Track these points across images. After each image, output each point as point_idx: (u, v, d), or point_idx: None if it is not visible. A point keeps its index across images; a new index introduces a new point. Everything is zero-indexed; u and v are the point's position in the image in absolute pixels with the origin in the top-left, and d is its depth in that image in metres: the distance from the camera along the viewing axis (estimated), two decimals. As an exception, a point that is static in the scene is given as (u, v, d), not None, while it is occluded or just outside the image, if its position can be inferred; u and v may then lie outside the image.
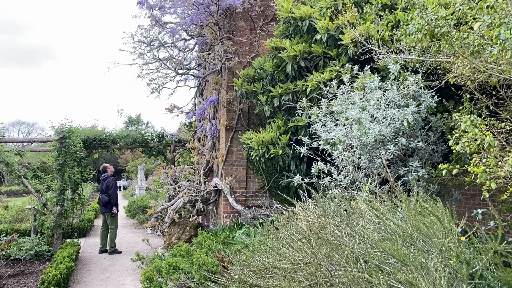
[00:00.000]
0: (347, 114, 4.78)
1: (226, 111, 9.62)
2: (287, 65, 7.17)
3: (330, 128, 5.18)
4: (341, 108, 4.89)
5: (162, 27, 10.43)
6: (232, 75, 9.66)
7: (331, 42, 6.86)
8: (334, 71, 6.54)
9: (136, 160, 38.65)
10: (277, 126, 7.70)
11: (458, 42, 3.47)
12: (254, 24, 9.78)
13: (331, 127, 5.22)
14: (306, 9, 7.17)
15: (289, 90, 7.40)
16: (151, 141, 12.52)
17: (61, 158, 9.32)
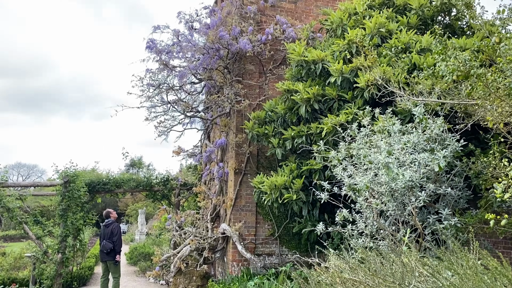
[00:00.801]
0: (371, 158, 4.56)
1: (235, 153, 9.42)
2: (301, 107, 7.04)
3: (353, 172, 4.94)
4: (365, 152, 4.68)
5: (170, 71, 10.44)
6: (241, 117, 9.54)
7: (346, 84, 6.76)
8: (350, 114, 6.38)
9: (136, 203, 38.05)
10: (290, 169, 7.46)
11: (494, 83, 3.31)
12: (263, 67, 9.78)
13: (353, 172, 4.98)
14: (318, 53, 7.13)
15: (302, 133, 7.22)
16: (155, 185, 12.24)
17: (65, 203, 9.01)
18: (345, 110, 6.48)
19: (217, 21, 9.73)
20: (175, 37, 10.61)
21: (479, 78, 3.45)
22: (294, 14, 10.17)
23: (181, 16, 10.82)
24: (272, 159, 9.58)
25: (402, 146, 4.44)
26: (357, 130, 5.32)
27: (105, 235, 9.51)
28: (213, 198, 10.12)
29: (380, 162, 4.18)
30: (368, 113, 5.48)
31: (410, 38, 6.86)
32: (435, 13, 7.82)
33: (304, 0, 10.37)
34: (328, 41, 8.29)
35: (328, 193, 5.23)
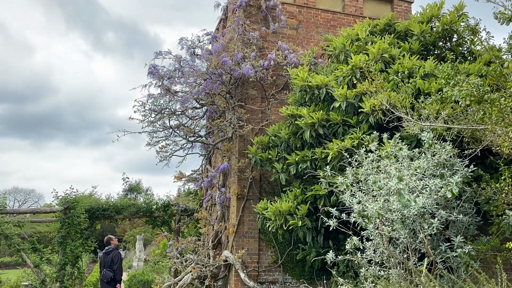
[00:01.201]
0: (380, 184, 4.48)
1: (238, 178, 9.31)
2: (305, 132, 7.00)
3: (361, 199, 4.85)
4: (374, 178, 4.60)
5: (172, 96, 10.45)
6: (244, 142, 9.49)
7: (350, 109, 6.75)
8: (355, 139, 6.34)
9: (134, 229, 37.52)
10: (294, 195, 7.36)
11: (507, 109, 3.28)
12: (266, 92, 9.80)
13: (362, 198, 4.89)
14: (322, 78, 7.15)
15: (306, 158, 7.16)
16: (155, 210, 12.07)
17: (64, 230, 8.84)
18: (350, 135, 6.45)
19: (219, 47, 9.81)
20: (177, 62, 10.67)
21: (493, 103, 3.42)
22: (296, 40, 10.27)
23: (183, 42, 10.92)
24: (275, 185, 9.47)
25: (413, 172, 4.37)
26: (364, 155, 5.26)
27: (105, 263, 9.23)
28: (215, 224, 9.95)
29: (392, 188, 4.10)
30: (375, 138, 5.44)
31: (413, 64, 6.90)
32: (436, 39, 7.91)
33: (305, 27, 10.50)
34: (331, 66, 8.34)
35: (336, 220, 5.12)
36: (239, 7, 10.00)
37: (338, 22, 10.81)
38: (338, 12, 10.86)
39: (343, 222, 6.26)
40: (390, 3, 11.40)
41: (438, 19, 8.21)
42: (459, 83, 3.81)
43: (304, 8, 10.56)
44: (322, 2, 10.85)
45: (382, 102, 5.85)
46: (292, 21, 10.41)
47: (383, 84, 5.51)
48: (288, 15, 10.35)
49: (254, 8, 10.14)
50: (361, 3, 11.09)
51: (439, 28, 7.77)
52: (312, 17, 10.62)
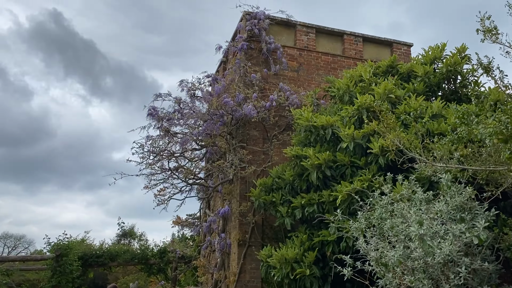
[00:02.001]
0: (398, 229, 4.17)
1: (239, 223, 8.92)
2: (311, 174, 6.73)
3: (378, 245, 4.51)
4: (391, 223, 4.29)
5: (172, 137, 10.25)
6: (245, 185, 9.18)
7: (358, 150, 6.53)
8: (365, 181, 6.07)
9: (127, 276, 36.07)
10: (301, 241, 6.97)
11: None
12: (268, 133, 9.62)
13: (378, 244, 4.55)
14: (327, 118, 6.98)
15: (313, 201, 6.84)
16: (151, 257, 11.52)
17: (55, 280, 8.30)
18: (359, 177, 6.18)
19: (220, 88, 9.74)
20: (177, 104, 10.57)
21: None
22: (297, 82, 10.24)
23: (183, 84, 10.86)
24: (278, 230, 9.06)
25: (433, 215, 4.08)
26: (378, 198, 4.97)
27: None
28: (214, 272, 9.42)
29: (413, 234, 3.79)
30: (389, 179, 5.16)
31: (420, 104, 6.77)
32: (440, 80, 7.85)
33: (305, 69, 10.50)
34: (334, 107, 8.21)
35: (351, 269, 4.74)
36: (240, 50, 10.02)
37: (338, 64, 10.85)
38: (338, 55, 10.92)
39: (354, 270, 5.86)
40: (389, 47, 11.51)
41: (441, 60, 8.20)
42: (484, 121, 3.61)
43: (305, 51, 10.62)
44: (322, 45, 10.94)
45: (393, 142, 5.63)
46: (293, 64, 10.42)
47: (394, 124, 5.31)
48: (289, 58, 10.38)
49: (255, 51, 10.17)
50: (361, 46, 11.19)
51: (443, 69, 7.73)
52: (312, 60, 10.66)
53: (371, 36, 11.37)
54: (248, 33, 10.14)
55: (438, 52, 8.26)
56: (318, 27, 10.83)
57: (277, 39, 10.39)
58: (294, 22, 10.63)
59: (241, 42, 9.99)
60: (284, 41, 10.51)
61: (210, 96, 10.08)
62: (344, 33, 11.07)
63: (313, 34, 10.80)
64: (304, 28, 10.73)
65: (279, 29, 10.67)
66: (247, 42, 10.05)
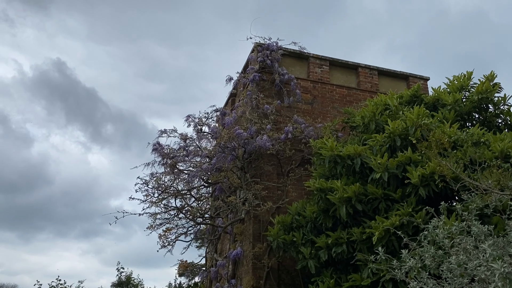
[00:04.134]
0: (470, 266, 3.40)
1: (252, 267, 8.01)
2: (340, 209, 5.97)
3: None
4: (457, 260, 3.52)
5: (178, 174, 9.53)
6: (258, 224, 8.37)
7: (393, 181, 5.83)
8: (403, 215, 5.32)
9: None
10: (327, 287, 6.09)
11: None
12: (282, 168, 8.92)
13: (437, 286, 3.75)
14: (355, 147, 6.33)
15: (341, 240, 6.04)
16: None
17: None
18: (397, 211, 5.43)
19: (231, 120, 9.16)
20: (183, 141, 9.97)
21: None
22: (311, 115, 9.69)
23: (190, 119, 10.33)
24: (295, 275, 8.15)
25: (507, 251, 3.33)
26: (434, 233, 4.21)
27: None
28: (224, 324, 8.39)
29: (497, 273, 3.03)
30: (444, 209, 4.42)
31: (455, 132, 6.16)
32: (471, 108, 7.31)
33: (320, 102, 10.00)
34: (355, 139, 7.59)
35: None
36: (252, 81, 9.54)
37: (353, 97, 10.36)
38: (354, 88, 10.47)
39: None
40: (405, 80, 11.10)
41: (468, 90, 7.72)
42: None
43: (319, 83, 10.16)
44: (336, 78, 10.51)
45: (441, 168, 4.96)
46: (306, 96, 9.93)
47: (445, 145, 4.67)
48: (303, 90, 9.89)
49: (267, 83, 9.70)
50: (376, 79, 10.77)
51: (474, 97, 7.20)
52: (327, 92, 10.18)
53: (387, 69, 10.98)
54: (260, 64, 9.71)
55: (465, 81, 7.78)
56: (332, 59, 10.45)
57: (290, 70, 9.96)
58: (307, 54, 10.25)
59: (253, 73, 9.53)
60: (297, 73, 10.07)
61: (220, 130, 9.50)
62: (359, 66, 10.68)
63: (327, 67, 10.40)
64: (318, 60, 10.34)
65: (292, 61, 10.27)
66: (259, 73, 9.60)
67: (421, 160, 5.75)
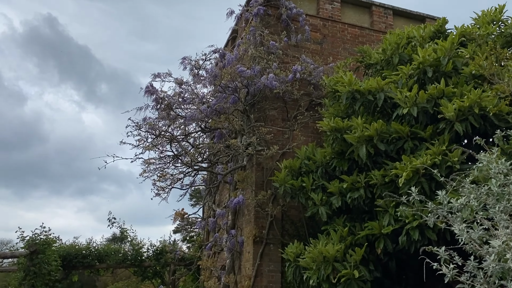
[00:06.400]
0: None
1: (255, 217, 7.42)
2: (359, 149, 5.25)
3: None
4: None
5: (173, 120, 8.73)
6: (261, 171, 7.70)
7: (422, 118, 5.08)
8: (436, 154, 4.62)
9: (116, 283, 34.09)
10: (340, 236, 5.48)
11: None
12: (288, 113, 8.15)
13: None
14: (378, 80, 5.53)
15: (358, 185, 5.37)
16: (146, 259, 9.93)
17: (28, 282, 6.70)
18: (427, 151, 4.73)
19: (233, 58, 8.28)
20: (178, 85, 9.08)
21: None
22: (320, 56, 8.80)
23: (186, 62, 9.39)
24: (300, 225, 7.58)
25: None
26: (476, 170, 3.52)
27: None
28: (223, 276, 7.88)
29: None
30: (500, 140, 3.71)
31: (492, 64, 5.37)
32: (504, 44, 6.47)
33: (330, 42, 9.09)
34: (375, 76, 6.78)
35: (454, 266, 3.25)
36: (255, 16, 8.57)
37: (366, 38, 9.45)
38: (367, 28, 9.53)
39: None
40: (422, 22, 10.12)
41: (500, 24, 6.85)
42: None
43: (329, 21, 9.21)
44: (348, 16, 9.55)
45: (479, 103, 4.21)
46: (315, 35, 9.00)
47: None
48: (312, 28, 8.94)
49: (272, 18, 8.74)
50: (391, 19, 9.82)
51: (509, 30, 6.35)
52: (338, 32, 9.25)
53: (402, 9, 10.01)
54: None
55: (496, 14, 6.88)
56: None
57: (298, 5, 8.96)
58: (317, -12, 9.23)
59: (257, 7, 8.53)
60: (305, 9, 9.08)
61: (219, 71, 8.61)
62: (373, 4, 9.70)
63: (338, 3, 9.41)
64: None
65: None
66: (264, 7, 8.61)
67: (455, 95, 5.00)
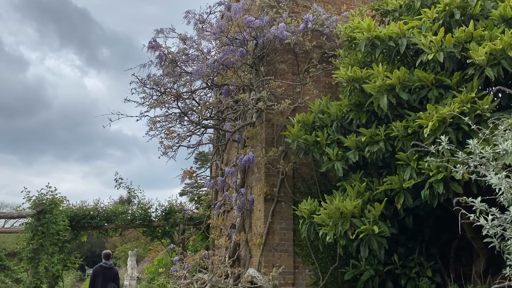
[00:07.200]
0: None
1: (265, 174, 7.20)
2: (379, 99, 4.92)
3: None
4: None
5: (178, 77, 8.35)
6: (271, 128, 7.41)
7: (449, 64, 4.71)
8: (464, 102, 4.30)
9: (125, 244, 34.74)
10: (357, 191, 5.25)
11: None
12: (299, 67, 7.76)
13: None
14: (399, 24, 5.12)
15: (378, 137, 5.08)
16: (155, 219, 9.86)
17: (37, 242, 6.60)
18: (456, 98, 4.40)
19: (240, 8, 7.79)
20: (182, 42, 8.63)
21: None
22: (333, 5, 8.28)
23: (190, 16, 8.87)
24: (311, 183, 7.38)
25: None
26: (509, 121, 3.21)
27: (109, 277, 8.61)
28: (234, 234, 7.77)
29: None
30: None
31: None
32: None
33: (343, -10, 8.54)
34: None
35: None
36: (263, -38, 8.00)
37: (382, -13, 8.86)
38: (382, -25, 8.93)
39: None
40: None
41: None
42: None
43: (342, -34, 8.61)
44: (363, -39, 8.93)
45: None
46: (328, -17, 8.44)
47: None
48: (324, -25, 8.38)
49: (281, -35, 8.16)
50: (408, -34, 9.18)
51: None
52: (352, -21, 8.68)
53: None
54: None
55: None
56: None
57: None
58: None
59: (265, -48, 7.95)
60: (316, -46, 8.48)
61: (225, 24, 8.13)
62: (388, -51, 9.03)
63: None
64: None
65: None
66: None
67: (485, 38, 4.60)
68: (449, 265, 6.77)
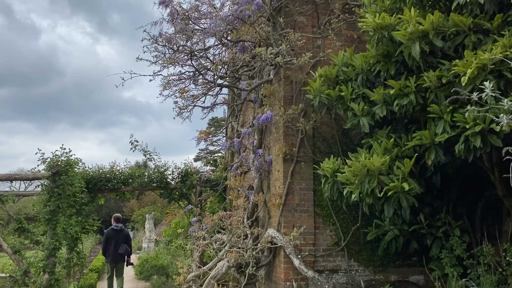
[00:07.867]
0: None
1: (284, 134, 6.93)
2: (411, 47, 4.52)
3: None
4: None
5: (191, 33, 7.97)
6: (290, 85, 7.07)
7: (489, 6, 4.27)
8: (508, 47, 3.89)
9: (142, 208, 35.42)
10: (384, 148, 4.95)
11: None
12: (319, 19, 7.30)
13: None
14: (434, -36, 4.64)
15: (408, 90, 4.73)
16: (172, 181, 9.77)
17: (53, 204, 6.53)
18: (497, 43, 3.99)
19: (256, -43, 7.28)
20: None
21: None
22: (354, -47, 7.69)
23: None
24: (332, 142, 7.10)
25: None
26: None
27: (121, 238, 9.17)
28: (252, 195, 7.61)
29: None
30: None
31: None
32: None
33: None
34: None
35: None
36: None
37: None
38: None
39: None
40: None
41: None
42: None
43: None
44: None
45: None
46: None
47: None
48: None
49: None
50: None
51: None
52: None
53: None
54: None
55: None
56: None
57: None
58: None
59: None
60: None
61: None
62: None
63: None
64: None
65: None
66: None
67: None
68: (475, 225, 6.54)
